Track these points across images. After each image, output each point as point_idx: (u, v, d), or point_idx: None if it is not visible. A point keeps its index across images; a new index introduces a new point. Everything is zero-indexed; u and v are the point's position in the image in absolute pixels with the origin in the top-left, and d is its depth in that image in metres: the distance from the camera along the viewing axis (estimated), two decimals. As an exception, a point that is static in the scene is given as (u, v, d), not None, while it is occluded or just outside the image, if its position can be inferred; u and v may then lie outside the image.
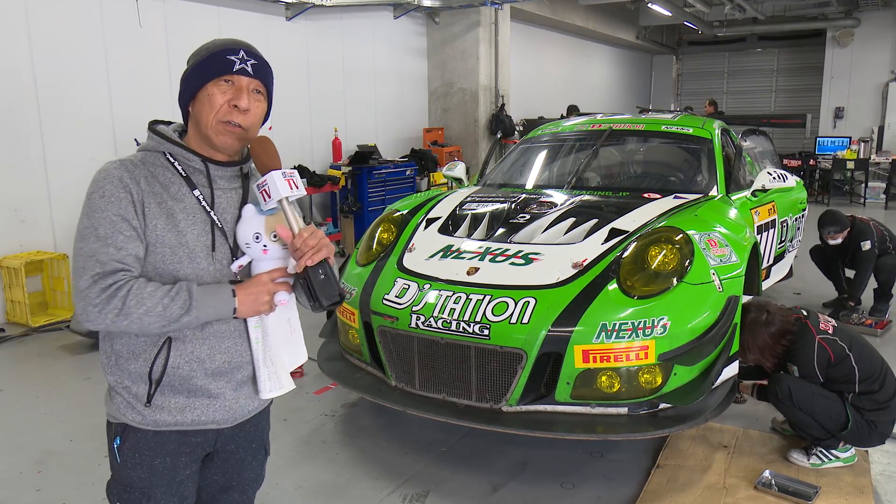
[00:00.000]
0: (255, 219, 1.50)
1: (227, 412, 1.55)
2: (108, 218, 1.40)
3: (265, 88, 1.54)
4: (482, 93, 10.03)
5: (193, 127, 1.52)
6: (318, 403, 3.88)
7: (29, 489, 3.04)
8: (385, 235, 3.68)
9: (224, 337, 1.51)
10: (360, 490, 3.00)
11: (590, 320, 2.78)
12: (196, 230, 1.48)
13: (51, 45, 5.55)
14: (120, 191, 1.42)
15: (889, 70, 14.00)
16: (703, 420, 2.85)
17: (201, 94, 1.47)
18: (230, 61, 1.47)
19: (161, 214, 1.45)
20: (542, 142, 4.98)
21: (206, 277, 1.47)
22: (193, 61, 1.51)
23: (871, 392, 2.99)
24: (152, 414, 1.48)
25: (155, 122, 1.57)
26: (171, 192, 1.48)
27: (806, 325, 3.08)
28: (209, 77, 1.47)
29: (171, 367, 1.46)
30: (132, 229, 1.41)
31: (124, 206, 1.41)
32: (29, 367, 4.60)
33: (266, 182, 1.45)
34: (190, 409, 1.50)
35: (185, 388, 1.49)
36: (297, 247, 1.43)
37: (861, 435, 3.00)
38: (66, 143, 5.66)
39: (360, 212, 8.04)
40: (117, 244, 1.39)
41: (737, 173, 4.42)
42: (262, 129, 1.56)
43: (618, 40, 15.27)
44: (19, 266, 5.18)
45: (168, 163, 1.50)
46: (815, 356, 2.98)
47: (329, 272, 1.45)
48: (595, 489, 2.98)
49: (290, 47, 7.82)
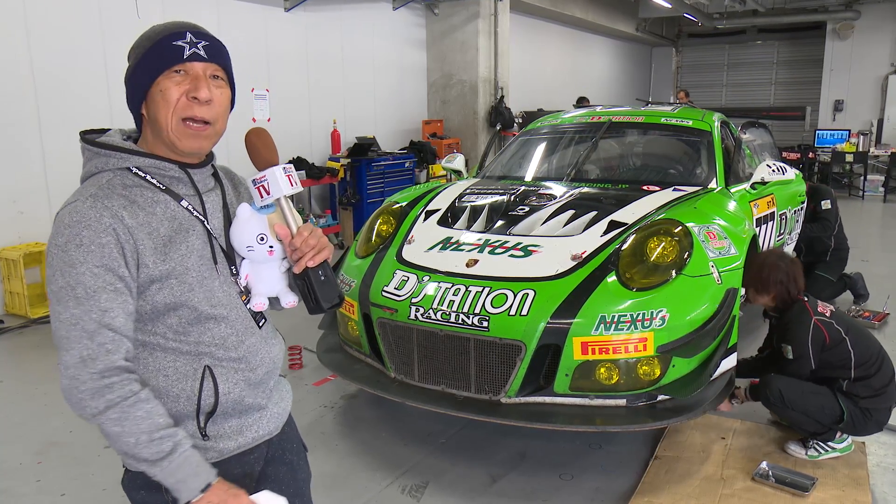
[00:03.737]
0: (256, 219, 1.37)
1: (276, 419, 1.48)
2: (88, 272, 1.20)
3: (224, 72, 1.34)
4: (481, 85, 10.00)
5: (152, 131, 1.32)
6: (317, 395, 3.88)
7: (29, 479, 3.05)
8: (384, 227, 3.68)
9: (257, 350, 1.41)
10: (359, 481, 3.01)
11: (589, 312, 2.79)
12: (198, 248, 1.33)
13: (49, 37, 5.53)
14: (101, 235, 1.21)
15: (889, 63, 13.99)
16: (702, 412, 2.86)
17: (153, 91, 1.27)
18: (178, 48, 1.27)
19: (156, 246, 1.27)
20: (542, 134, 4.97)
21: (218, 296, 1.35)
22: (135, 55, 1.30)
23: (867, 377, 3.00)
24: (214, 444, 1.36)
25: (89, 133, 1.34)
26: (157, 214, 1.29)
27: (804, 305, 3.10)
28: (158, 70, 1.27)
29: (223, 395, 1.35)
30: (119, 280, 1.22)
31: (108, 254, 1.21)
32: (28, 358, 4.61)
33: (266, 178, 1.33)
34: (247, 427, 1.40)
35: (238, 410, 1.38)
36: (296, 246, 1.33)
37: (857, 424, 3.01)
38: (64, 134, 5.64)
39: (359, 204, 8.03)
40: (101, 305, 1.20)
41: (736, 166, 4.42)
42: (259, 121, 1.48)
43: (617, 32, 15.22)
44: (18, 257, 5.18)
45: (139, 179, 1.30)
46: (811, 336, 3.00)
47: (329, 273, 1.37)
48: (593, 480, 2.99)
49: (289, 39, 7.79)
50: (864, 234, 8.56)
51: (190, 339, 1.33)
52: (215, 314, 1.35)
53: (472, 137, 10.12)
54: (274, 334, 1.51)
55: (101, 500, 2.89)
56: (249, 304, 1.41)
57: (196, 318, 1.32)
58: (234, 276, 1.40)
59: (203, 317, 1.33)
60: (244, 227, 1.37)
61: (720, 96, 17.71)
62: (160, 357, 1.32)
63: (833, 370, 3.04)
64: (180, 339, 1.32)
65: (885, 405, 3.04)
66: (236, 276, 1.40)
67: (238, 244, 1.38)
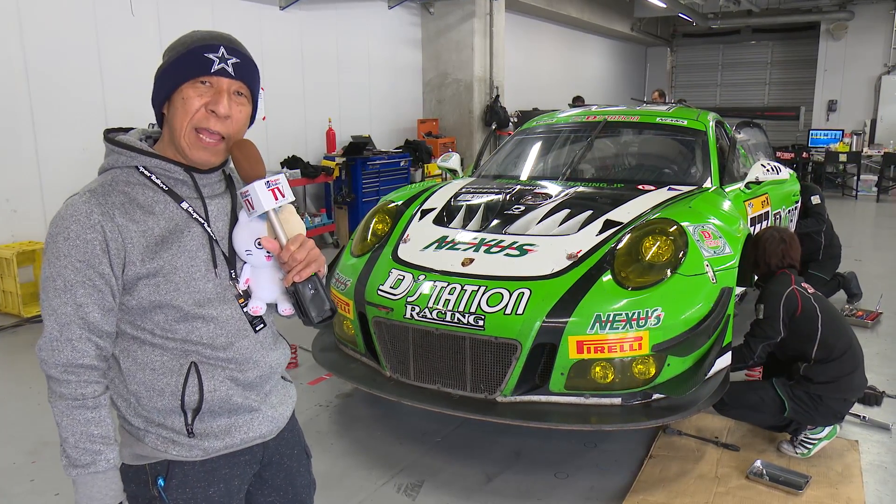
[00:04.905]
0: (255, 223, 1.36)
1: (271, 422, 1.46)
2: (69, 266, 1.24)
3: (248, 90, 1.37)
4: (477, 84, 10.00)
5: (168, 133, 1.35)
6: (312, 394, 3.88)
7: (23, 479, 3.04)
8: (380, 226, 3.68)
9: (250, 353, 1.41)
10: (354, 480, 3.01)
11: (584, 311, 2.79)
12: (190, 249, 1.33)
13: (42, 35, 5.50)
14: (88, 231, 1.24)
15: (882, 63, 14.05)
16: (696, 410, 2.87)
17: (175, 96, 1.31)
18: (208, 60, 1.29)
19: (148, 245, 1.29)
20: (537, 133, 4.98)
21: (209, 297, 1.35)
22: (168, 57, 1.33)
23: (826, 360, 3.05)
24: (200, 442, 1.36)
25: (111, 132, 1.37)
26: (156, 213, 1.31)
27: (788, 275, 3.22)
28: (184, 77, 1.30)
29: (208, 392, 1.35)
30: (99, 277, 1.25)
31: (90, 251, 1.24)
32: (22, 357, 4.59)
33: (248, 193, 1.31)
34: (236, 428, 1.39)
35: (226, 409, 1.38)
36: (284, 260, 1.33)
37: (805, 412, 3.07)
38: (58, 132, 5.62)
39: (354, 203, 8.03)
40: (77, 300, 1.24)
41: (730, 165, 4.43)
42: (255, 119, 1.47)
43: (612, 32, 15.25)
44: (11, 256, 5.16)
45: (144, 178, 1.33)
46: (784, 299, 3.10)
47: (319, 286, 1.35)
48: (588, 479, 3.00)
49: (283, 37, 7.78)
50: (857, 233, 8.60)
51: (177, 336, 1.33)
52: (202, 314, 1.34)
53: (468, 136, 10.13)
54: (275, 340, 1.50)
55: (96, 499, 2.88)
56: (246, 307, 1.41)
57: (182, 317, 1.33)
58: (233, 280, 1.39)
59: (189, 316, 1.33)
60: (243, 231, 1.38)
61: (714, 96, 17.76)
62: (148, 351, 1.33)
63: (799, 343, 3.10)
64: (167, 335, 1.33)
65: (838, 395, 3.07)
66: (235, 280, 1.39)
67: (238, 247, 1.39)
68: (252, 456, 1.46)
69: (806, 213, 5.53)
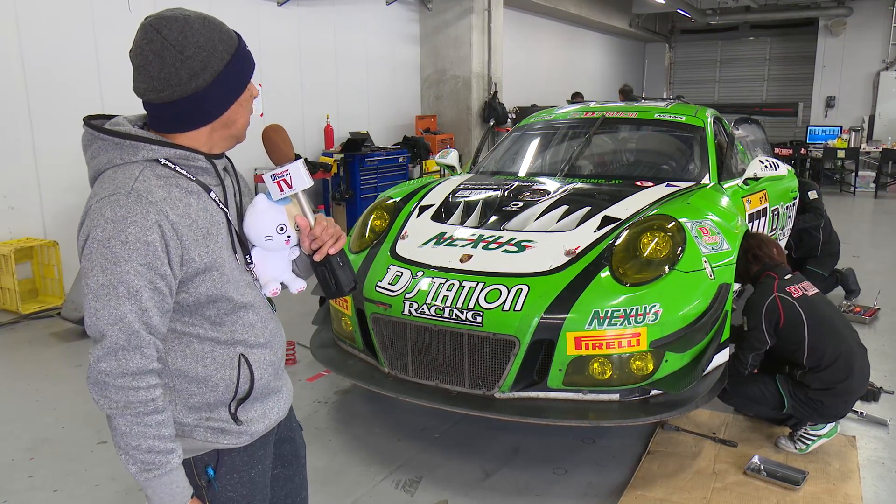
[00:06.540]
0: (275, 209, 1.40)
1: (287, 401, 1.54)
2: (132, 271, 1.19)
3: None
4: (475, 80, 9.99)
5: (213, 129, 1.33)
6: (311, 390, 3.88)
7: (21, 476, 3.04)
8: (378, 223, 3.68)
9: (276, 334, 1.46)
10: (353, 476, 3.01)
11: (582, 307, 2.79)
12: (225, 238, 1.34)
13: (39, 30, 5.48)
14: (147, 233, 1.19)
15: (880, 59, 14.05)
16: (694, 406, 2.87)
17: (245, 94, 1.34)
18: (250, 53, 1.35)
19: (198, 238, 1.27)
20: (535, 129, 4.97)
21: (243, 285, 1.37)
22: (220, 59, 1.27)
23: (818, 369, 3.02)
24: (247, 428, 1.40)
25: (93, 118, 1.30)
26: (195, 206, 1.28)
27: (771, 282, 3.17)
28: (251, 73, 1.33)
29: (258, 380, 1.39)
30: (160, 279, 1.22)
31: (153, 253, 1.20)
32: (20, 354, 4.58)
33: (288, 172, 1.37)
34: (270, 410, 1.45)
35: (265, 393, 1.44)
36: (317, 235, 1.40)
37: (804, 413, 3.08)
38: (55, 128, 5.60)
39: (352, 199, 8.02)
40: (142, 305, 1.20)
41: (729, 161, 4.43)
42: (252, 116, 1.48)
43: (611, 28, 15.23)
44: (9, 253, 5.15)
45: (170, 170, 1.28)
46: (764, 309, 3.07)
47: (346, 259, 1.46)
48: (587, 475, 3.00)
49: (281, 33, 7.76)
50: (855, 229, 8.61)
51: (225, 328, 1.35)
52: (245, 302, 1.37)
53: (466, 133, 10.11)
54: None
55: (94, 496, 2.88)
56: (264, 290, 1.45)
57: (231, 308, 1.35)
58: (249, 264, 1.42)
59: (237, 306, 1.36)
60: (262, 216, 1.39)
61: (713, 92, 17.76)
62: (197, 347, 1.34)
63: (789, 352, 3.10)
64: (217, 329, 1.35)
65: (839, 400, 3.06)
66: (251, 265, 1.42)
67: (256, 234, 1.40)
68: (274, 434, 1.53)
69: (804, 209, 5.54)
